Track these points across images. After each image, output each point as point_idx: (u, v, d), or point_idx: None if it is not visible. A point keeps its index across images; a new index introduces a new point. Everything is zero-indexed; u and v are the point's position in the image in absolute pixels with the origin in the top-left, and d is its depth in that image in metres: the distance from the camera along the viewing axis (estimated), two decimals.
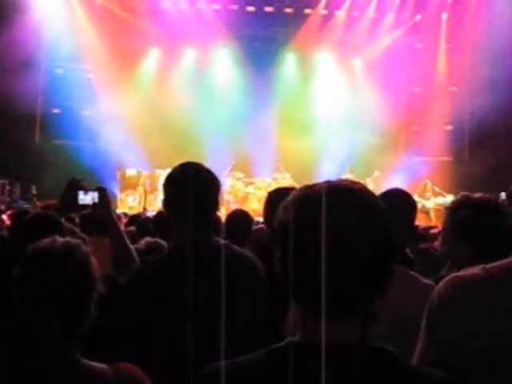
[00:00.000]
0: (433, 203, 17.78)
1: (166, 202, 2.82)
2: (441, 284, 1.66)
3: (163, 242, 4.02)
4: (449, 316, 1.57)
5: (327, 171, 17.16)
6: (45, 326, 1.82)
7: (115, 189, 18.35)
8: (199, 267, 2.42)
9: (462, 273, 1.65)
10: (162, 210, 3.00)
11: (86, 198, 3.36)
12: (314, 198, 1.33)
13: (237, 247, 2.83)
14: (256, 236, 5.00)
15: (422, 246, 6.29)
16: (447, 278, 1.66)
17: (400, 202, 2.79)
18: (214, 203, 2.78)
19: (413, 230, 3.01)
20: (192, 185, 2.59)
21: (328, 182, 1.39)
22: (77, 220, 4.96)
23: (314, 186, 1.39)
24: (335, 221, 1.29)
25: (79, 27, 18.81)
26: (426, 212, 17.40)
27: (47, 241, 1.91)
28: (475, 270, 1.62)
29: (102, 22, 18.80)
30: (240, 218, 5.22)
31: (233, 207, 15.86)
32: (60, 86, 18.18)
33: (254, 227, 5.28)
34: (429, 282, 2.70)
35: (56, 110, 18.86)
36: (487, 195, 2.95)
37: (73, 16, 18.77)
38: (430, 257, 5.70)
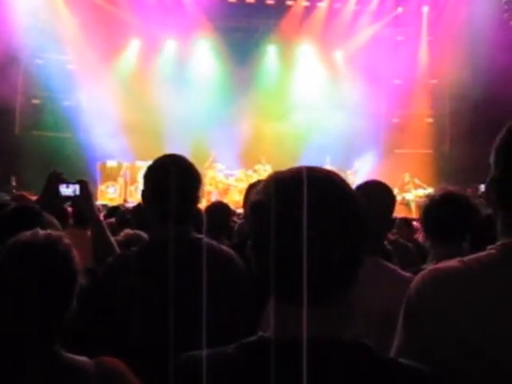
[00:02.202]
0: (413, 195, 17.89)
1: (145, 193, 2.74)
2: (418, 278, 1.65)
3: (144, 234, 3.97)
4: (426, 311, 1.57)
5: (309, 163, 17.14)
6: (26, 320, 1.81)
7: (95, 180, 18.26)
8: (177, 262, 2.38)
9: (438, 266, 1.65)
10: (141, 201, 2.94)
11: (68, 190, 3.33)
12: (289, 180, 1.33)
13: (215, 243, 2.79)
14: (240, 230, 5.03)
15: (391, 237, 6.25)
16: (424, 271, 1.66)
17: (379, 194, 2.80)
18: (196, 197, 2.72)
19: (391, 223, 3.04)
20: (174, 177, 2.52)
21: (303, 167, 1.39)
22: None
23: (290, 169, 1.39)
24: (311, 203, 1.27)
25: (60, 18, 18.63)
26: (407, 204, 17.50)
27: (28, 233, 1.88)
28: (453, 262, 1.62)
29: (82, 12, 18.60)
30: (219, 210, 5.22)
31: (214, 199, 15.85)
32: (40, 77, 18.03)
33: (240, 221, 5.28)
34: (408, 274, 2.70)
35: (36, 101, 18.70)
36: (450, 190, 3.13)
37: (53, 6, 18.60)
38: (401, 248, 5.72)
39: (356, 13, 20.22)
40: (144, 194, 2.75)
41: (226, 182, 18.51)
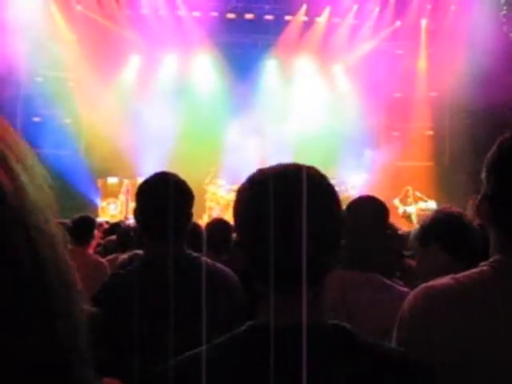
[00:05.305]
0: (415, 208, 17.85)
1: (137, 211, 2.73)
2: (411, 295, 1.64)
3: None
4: (418, 328, 1.56)
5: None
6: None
7: (96, 197, 18.28)
8: (172, 280, 2.35)
9: (431, 283, 1.64)
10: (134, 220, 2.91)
11: None
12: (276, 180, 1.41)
13: (210, 261, 2.75)
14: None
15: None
16: (417, 288, 1.65)
17: (369, 209, 2.76)
18: (189, 214, 2.70)
19: (384, 237, 2.97)
20: (166, 195, 2.51)
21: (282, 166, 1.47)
22: None
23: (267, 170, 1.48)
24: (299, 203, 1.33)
25: (59, 35, 18.69)
26: (408, 217, 17.46)
27: None
28: (445, 279, 1.61)
29: (82, 29, 18.70)
30: (219, 227, 5.20)
31: (215, 215, 15.85)
32: (40, 95, 18.05)
33: None
34: (405, 289, 2.67)
35: (36, 119, 18.72)
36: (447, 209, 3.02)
37: (52, 24, 18.67)
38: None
39: (354, 27, 20.30)
40: (136, 212, 2.74)
41: (227, 198, 18.45)
